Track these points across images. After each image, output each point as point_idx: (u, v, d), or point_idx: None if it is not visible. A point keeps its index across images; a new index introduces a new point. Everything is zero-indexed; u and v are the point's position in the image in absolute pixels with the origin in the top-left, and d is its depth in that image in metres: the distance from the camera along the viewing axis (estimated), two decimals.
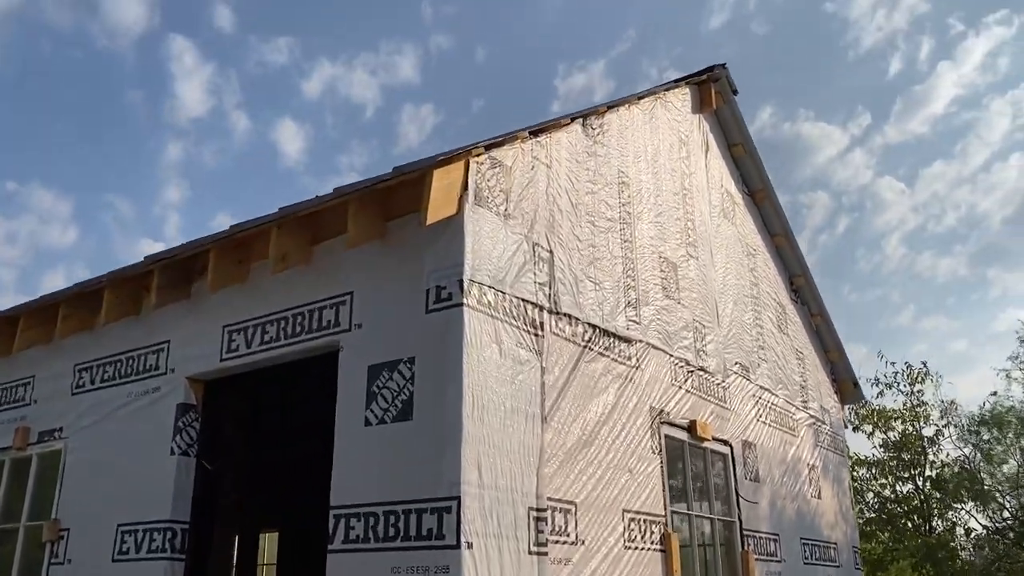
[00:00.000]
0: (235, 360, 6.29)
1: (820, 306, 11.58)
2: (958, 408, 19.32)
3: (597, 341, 6.48)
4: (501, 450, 5.18)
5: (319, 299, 5.92)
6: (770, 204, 10.61)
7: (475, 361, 5.12)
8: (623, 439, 6.54)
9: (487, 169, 5.67)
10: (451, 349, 5.06)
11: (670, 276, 7.98)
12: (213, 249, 6.33)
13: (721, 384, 8.52)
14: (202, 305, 6.73)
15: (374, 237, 5.68)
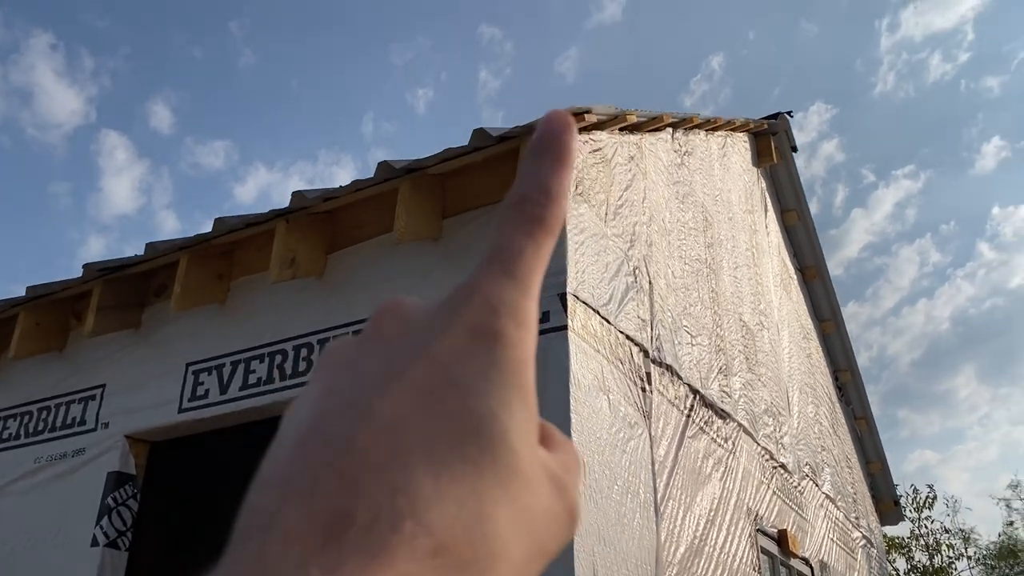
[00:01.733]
0: (202, 412, 4.43)
1: (865, 408, 10.11)
2: (976, 538, 17.89)
3: (697, 411, 4.83)
4: (616, 550, 3.43)
5: (337, 324, 4.17)
6: (821, 284, 9.25)
7: (585, 412, 3.43)
8: (728, 549, 4.80)
9: (588, 153, 4.12)
10: (550, 391, 3.37)
11: (749, 345, 6.42)
12: (185, 256, 4.56)
13: (797, 487, 6.86)
14: (157, 336, 4.88)
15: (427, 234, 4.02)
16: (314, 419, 0.27)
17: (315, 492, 0.24)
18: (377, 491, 0.24)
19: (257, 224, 4.41)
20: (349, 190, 4.16)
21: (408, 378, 0.27)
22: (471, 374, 0.27)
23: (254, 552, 0.24)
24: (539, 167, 0.32)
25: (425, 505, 0.24)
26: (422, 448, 0.25)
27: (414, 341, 0.29)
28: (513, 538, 0.26)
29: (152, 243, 4.60)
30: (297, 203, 4.19)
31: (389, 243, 4.20)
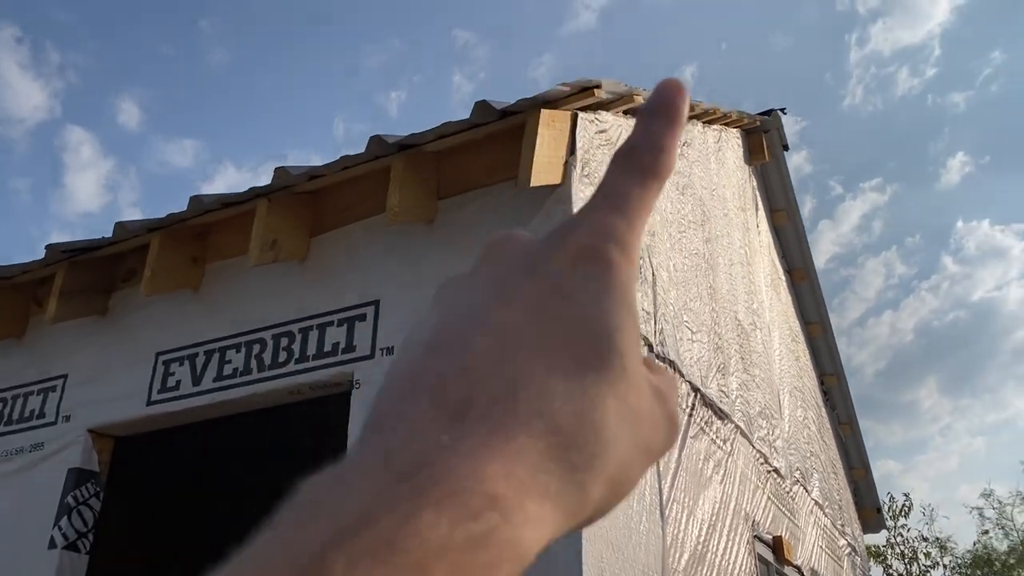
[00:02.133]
0: (172, 404, 4.12)
1: (851, 414, 9.97)
2: (952, 547, 17.89)
3: (698, 411, 4.60)
4: (623, 555, 3.18)
5: (321, 312, 3.88)
6: (808, 287, 9.09)
7: None
8: (728, 557, 4.58)
9: (595, 133, 3.88)
10: None
11: (744, 345, 6.21)
12: (156, 238, 4.25)
13: (789, 493, 6.66)
14: (125, 323, 4.56)
15: (422, 218, 3.75)
16: (434, 331, 0.30)
17: (440, 384, 0.27)
18: (495, 381, 0.27)
19: (236, 204, 4.11)
20: (336, 168, 3.88)
21: (522, 292, 0.31)
22: (580, 289, 0.30)
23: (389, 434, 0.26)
24: (651, 123, 0.35)
25: (538, 393, 0.27)
26: (536, 349, 0.28)
27: (526, 263, 0.32)
28: (620, 431, 0.28)
29: (121, 222, 4.27)
30: (280, 181, 3.90)
31: (378, 226, 3.92)
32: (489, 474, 0.25)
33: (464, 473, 0.24)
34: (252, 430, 4.79)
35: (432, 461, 0.25)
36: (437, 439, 0.25)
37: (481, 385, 0.27)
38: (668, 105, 0.35)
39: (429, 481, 0.24)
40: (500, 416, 0.26)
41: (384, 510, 0.23)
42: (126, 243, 4.45)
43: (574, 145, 3.62)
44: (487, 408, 0.26)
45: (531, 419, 0.26)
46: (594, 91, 3.51)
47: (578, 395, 0.28)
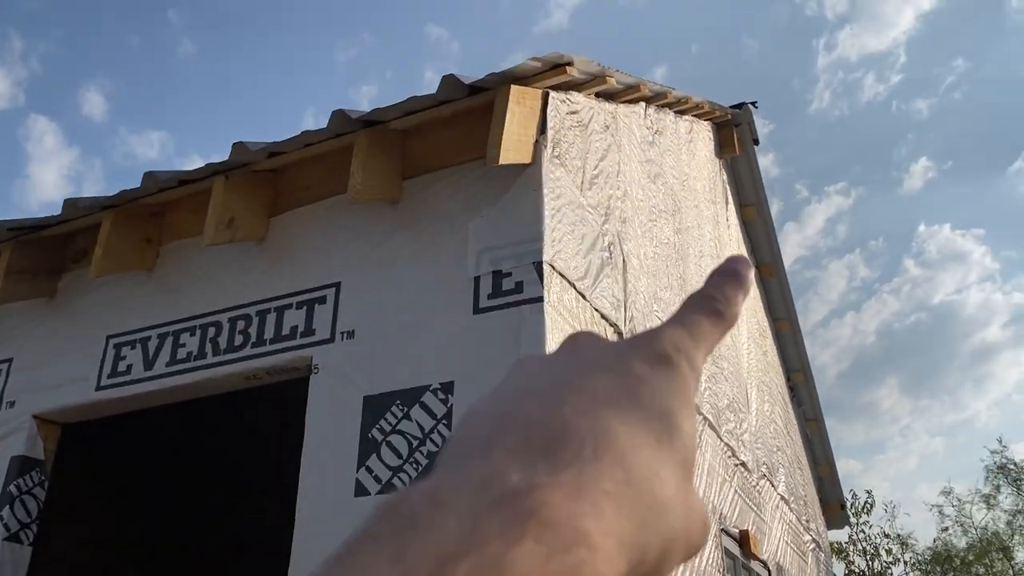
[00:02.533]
0: (123, 389, 3.94)
1: (817, 410, 9.98)
2: (913, 543, 18.07)
3: None
4: None
5: (279, 294, 3.74)
6: (777, 283, 9.07)
7: None
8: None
9: (566, 114, 3.77)
10: None
11: None
12: (109, 216, 4.07)
13: (756, 487, 6.62)
14: (74, 305, 4.37)
15: (386, 196, 3.62)
16: (519, 387, 0.34)
17: (531, 424, 0.30)
18: (585, 428, 0.29)
19: (192, 182, 3.95)
20: (297, 144, 3.74)
21: (607, 370, 0.34)
22: (657, 383, 0.34)
23: (477, 462, 0.28)
24: (722, 281, 0.41)
25: (622, 448, 0.29)
26: (618, 414, 0.31)
27: (609, 354, 0.36)
28: (677, 509, 0.30)
29: (71, 199, 4.09)
30: (238, 157, 3.75)
31: (340, 206, 3.79)
32: (580, 511, 0.26)
33: (558, 507, 0.26)
34: (206, 417, 4.63)
35: (527, 492, 0.26)
36: (530, 471, 0.27)
37: (571, 430, 0.29)
38: (736, 271, 0.41)
39: (525, 512, 0.25)
40: (588, 459, 0.28)
41: (488, 536, 0.24)
42: (76, 222, 4.27)
43: (545, 124, 3.51)
44: (576, 450, 0.28)
45: (615, 468, 0.28)
46: (566, 68, 3.41)
47: (652, 463, 0.30)
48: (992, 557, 18.88)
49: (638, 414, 0.32)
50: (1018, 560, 20.03)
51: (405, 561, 0.23)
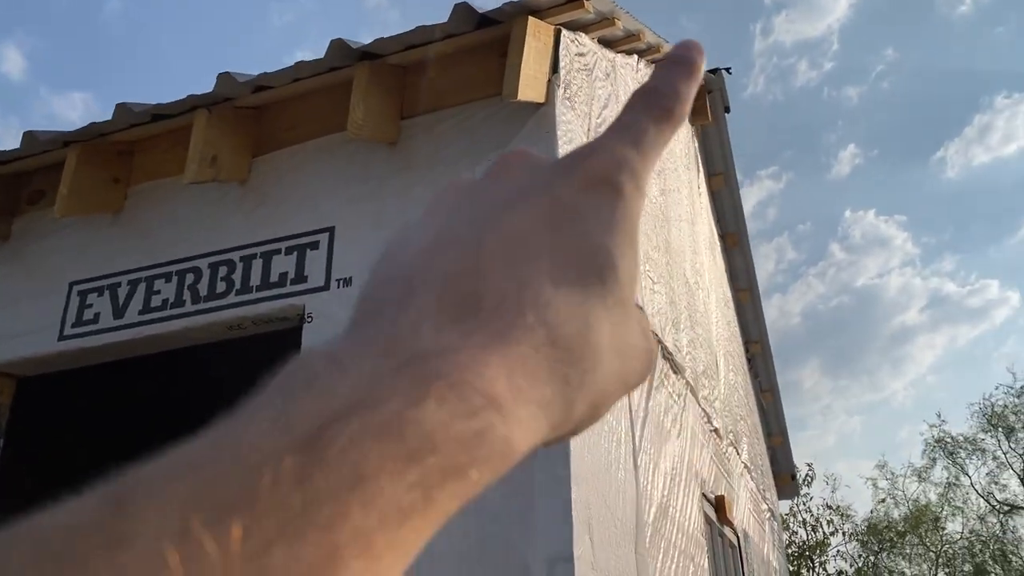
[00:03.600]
0: (89, 339, 3.65)
1: (772, 381, 10.07)
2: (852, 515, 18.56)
3: (660, 362, 4.41)
4: (606, 503, 2.95)
5: (265, 239, 3.49)
6: (741, 253, 9.07)
7: None
8: (686, 513, 4.43)
9: (575, 55, 3.59)
10: None
11: (691, 303, 6.07)
12: (74, 153, 3.75)
13: (726, 454, 6.60)
14: (31, 249, 4.04)
15: (384, 137, 3.39)
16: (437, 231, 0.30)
17: (446, 279, 0.27)
18: (504, 282, 0.27)
19: (169, 117, 3.65)
20: (287, 78, 3.48)
21: (533, 204, 0.31)
22: (590, 213, 0.31)
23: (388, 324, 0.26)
24: (671, 71, 0.35)
25: (544, 302, 0.27)
26: (543, 260, 0.29)
27: (539, 180, 0.32)
28: (610, 354, 0.29)
29: (31, 132, 3.75)
30: (223, 90, 3.47)
31: (331, 147, 3.55)
32: (491, 375, 0.25)
33: (467, 370, 0.24)
34: (182, 369, 4.35)
35: (436, 354, 0.25)
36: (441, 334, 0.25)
37: (489, 285, 0.27)
38: (688, 58, 0.36)
39: (432, 373, 0.24)
40: (506, 319, 0.26)
41: (386, 395, 0.23)
42: (33, 159, 3.93)
43: (556, 63, 3.32)
44: (494, 309, 0.26)
45: (535, 327, 0.27)
46: (583, 3, 3.21)
47: (579, 313, 0.28)
48: (926, 527, 19.62)
49: (565, 255, 0.29)
50: (949, 531, 21.01)
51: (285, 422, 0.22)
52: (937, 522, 20.56)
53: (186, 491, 0.20)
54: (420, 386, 0.23)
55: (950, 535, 21.12)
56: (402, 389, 0.23)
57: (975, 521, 21.58)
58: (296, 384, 0.23)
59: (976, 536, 21.20)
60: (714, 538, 5.50)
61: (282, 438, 0.21)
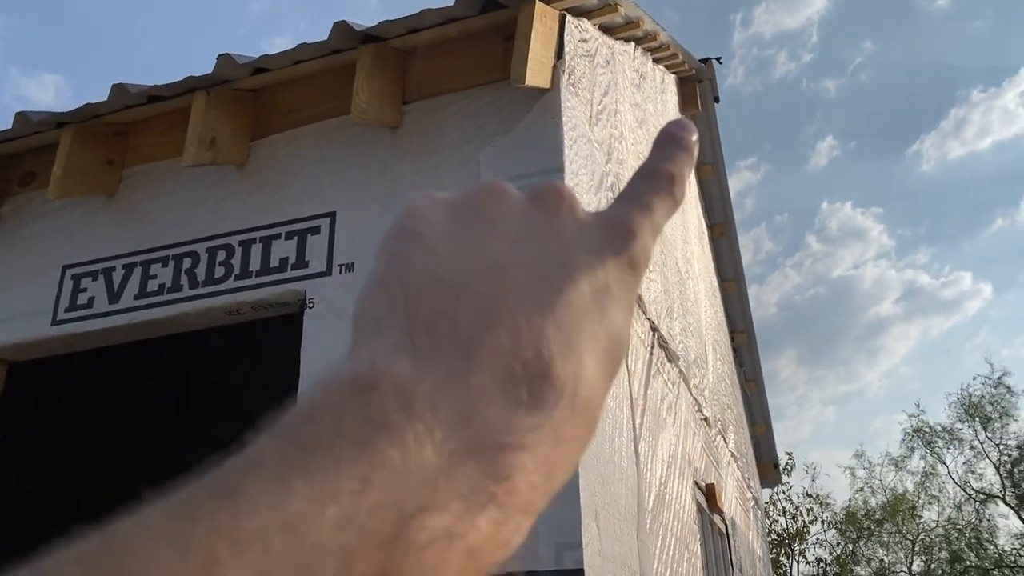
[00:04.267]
0: (84, 324, 3.60)
1: (757, 371, 10.14)
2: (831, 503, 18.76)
3: (656, 351, 4.41)
4: (610, 488, 2.95)
5: (265, 223, 3.45)
6: (728, 243, 9.11)
7: None
8: (681, 501, 4.45)
9: (578, 41, 3.57)
10: None
11: (683, 292, 6.09)
12: (68, 134, 3.68)
13: (714, 443, 6.64)
14: (23, 232, 3.97)
15: (388, 121, 3.36)
16: (473, 266, 0.29)
17: (508, 348, 0.26)
18: (564, 366, 0.26)
19: (166, 99, 3.59)
20: (287, 60, 3.43)
21: (588, 278, 0.29)
22: (623, 298, 0.30)
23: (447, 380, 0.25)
24: (674, 155, 0.37)
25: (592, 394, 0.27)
26: (594, 348, 0.28)
27: (585, 245, 0.31)
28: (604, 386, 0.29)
29: (24, 113, 3.68)
30: (223, 72, 3.42)
31: (332, 130, 3.51)
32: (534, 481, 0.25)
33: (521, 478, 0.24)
34: (178, 355, 4.30)
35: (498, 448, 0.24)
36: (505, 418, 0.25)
37: (552, 369, 0.26)
38: (683, 139, 0.37)
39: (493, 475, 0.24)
40: (562, 413, 0.26)
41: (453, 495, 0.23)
42: (25, 140, 3.86)
43: (561, 49, 3.30)
44: (554, 402, 0.26)
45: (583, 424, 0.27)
46: None
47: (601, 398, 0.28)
48: (903, 516, 19.91)
49: (604, 344, 0.29)
50: (925, 519, 21.34)
51: (368, 503, 0.21)
52: (914, 510, 20.91)
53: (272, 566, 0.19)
54: (482, 493, 0.23)
55: (927, 523, 21.54)
56: (468, 493, 0.23)
57: (951, 509, 22.04)
58: (371, 429, 0.23)
59: (952, 524, 21.60)
60: (705, 525, 5.53)
61: (374, 523, 0.21)
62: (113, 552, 0.19)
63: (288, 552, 0.19)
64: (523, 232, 0.31)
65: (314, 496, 0.21)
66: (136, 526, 0.20)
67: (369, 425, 0.23)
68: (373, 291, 0.29)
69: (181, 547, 0.19)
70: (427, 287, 0.28)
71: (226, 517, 0.20)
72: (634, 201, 0.34)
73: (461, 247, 0.30)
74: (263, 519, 0.20)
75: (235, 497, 0.20)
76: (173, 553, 0.19)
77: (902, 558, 20.82)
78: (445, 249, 0.30)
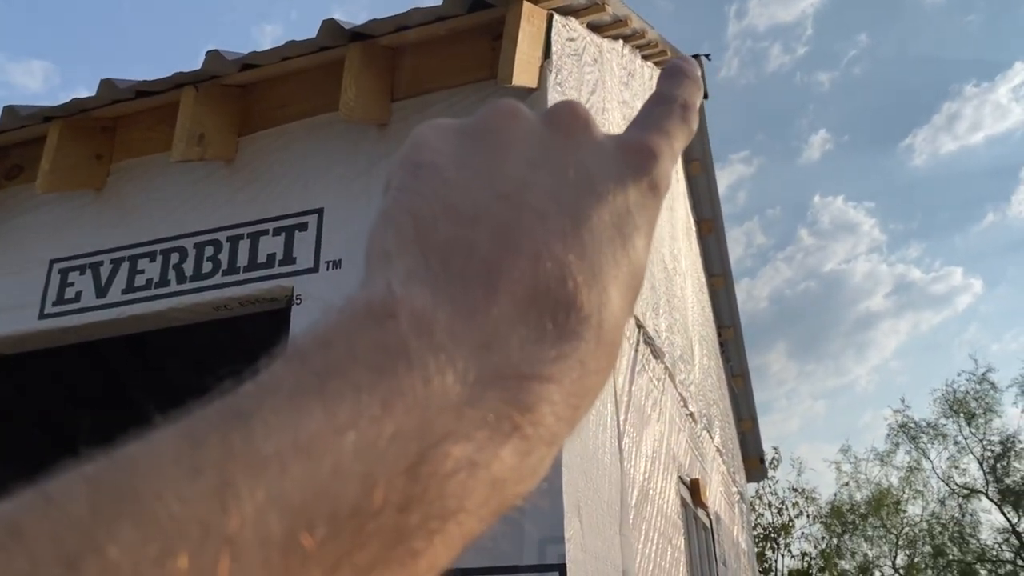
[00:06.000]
0: (71, 318, 3.61)
1: (743, 366, 10.20)
2: (816, 498, 18.91)
3: (641, 347, 4.45)
4: (593, 483, 2.99)
5: (252, 219, 3.46)
6: (716, 239, 9.16)
7: None
8: (665, 496, 4.49)
9: (566, 40, 3.59)
10: None
11: (669, 288, 6.13)
12: (56, 128, 3.68)
13: (700, 438, 6.70)
14: (10, 225, 3.97)
15: (374, 118, 3.38)
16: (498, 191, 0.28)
17: (532, 275, 0.25)
18: (590, 296, 0.26)
19: (154, 94, 3.60)
20: (275, 57, 3.44)
21: (609, 203, 0.28)
22: (643, 224, 0.29)
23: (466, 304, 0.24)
24: (683, 84, 0.35)
25: (616, 325, 0.27)
26: (618, 275, 0.27)
27: (605, 168, 0.30)
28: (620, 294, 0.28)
29: (12, 107, 3.68)
30: (210, 68, 3.43)
31: (320, 127, 3.53)
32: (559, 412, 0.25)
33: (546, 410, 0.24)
34: (165, 349, 4.31)
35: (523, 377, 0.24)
36: (527, 349, 0.24)
37: (576, 298, 0.26)
38: (687, 68, 0.37)
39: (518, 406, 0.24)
40: (587, 343, 0.26)
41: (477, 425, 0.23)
42: (13, 133, 3.86)
43: (548, 48, 3.32)
44: (576, 330, 0.26)
45: (605, 353, 0.27)
46: None
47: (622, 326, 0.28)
48: (887, 510, 20.10)
49: (627, 273, 0.28)
50: (909, 513, 21.56)
51: (388, 431, 0.21)
52: (898, 505, 21.13)
53: (289, 490, 0.19)
54: (506, 423, 0.23)
55: (911, 518, 21.76)
56: (492, 422, 0.22)
57: (935, 504, 22.28)
58: (390, 357, 0.22)
59: (936, 519, 21.83)
60: (689, 520, 5.59)
61: (389, 453, 0.20)
62: (122, 474, 0.19)
63: (306, 476, 0.19)
64: (540, 155, 0.30)
65: (332, 421, 0.20)
66: (147, 448, 0.20)
67: (387, 352, 0.22)
68: (381, 225, 0.27)
69: (193, 469, 0.19)
70: (439, 215, 0.27)
71: (240, 440, 0.19)
72: (651, 125, 0.33)
73: (474, 173, 0.28)
74: (278, 442, 0.19)
75: (249, 421, 0.20)
76: (185, 475, 0.19)
77: (886, 552, 21.09)
78: (456, 176, 0.28)
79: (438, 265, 0.25)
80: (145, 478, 0.18)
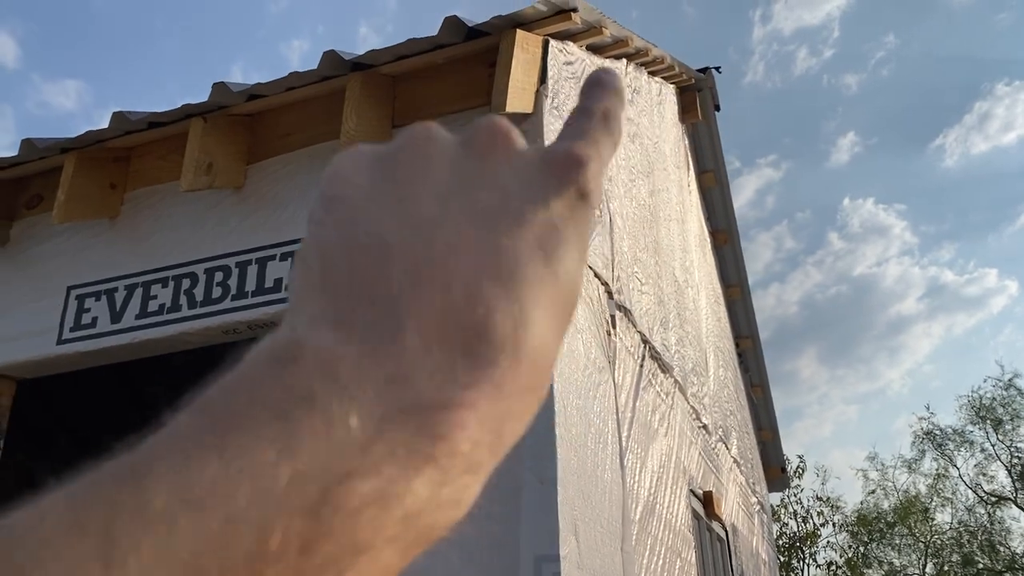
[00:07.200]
0: (87, 343, 3.72)
1: (763, 376, 10.17)
2: (842, 506, 18.75)
3: (647, 363, 4.50)
4: (591, 504, 3.04)
5: (260, 245, 3.56)
6: (731, 250, 9.16)
7: (564, 351, 3.01)
8: (673, 510, 4.52)
9: (563, 64, 3.66)
10: None
11: (681, 302, 6.17)
12: (72, 159, 3.81)
13: (714, 450, 6.71)
14: (30, 254, 4.10)
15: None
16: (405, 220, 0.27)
17: (444, 304, 0.25)
18: (505, 321, 0.25)
19: (165, 124, 3.72)
20: (280, 88, 3.55)
21: (528, 220, 0.28)
22: (573, 239, 0.29)
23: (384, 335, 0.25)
24: (607, 96, 0.35)
25: (539, 347, 0.26)
26: (541, 297, 0.27)
27: (526, 186, 0.29)
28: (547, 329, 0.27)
29: (29, 140, 3.81)
30: (217, 99, 3.54)
31: (325, 154, 3.61)
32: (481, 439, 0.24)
33: (463, 436, 0.24)
34: (179, 372, 4.42)
35: (435, 407, 0.24)
36: (443, 381, 0.24)
37: (490, 323, 0.25)
38: (607, 79, 0.36)
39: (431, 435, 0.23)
40: (505, 373, 0.25)
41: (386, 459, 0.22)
42: (32, 164, 3.99)
43: (544, 73, 3.40)
44: (493, 359, 0.25)
45: (531, 384, 0.26)
46: (571, 15, 3.29)
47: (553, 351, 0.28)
48: (915, 518, 19.90)
49: (553, 293, 0.27)
50: (937, 521, 21.30)
51: (292, 470, 0.21)
52: (926, 513, 20.90)
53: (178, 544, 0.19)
54: (417, 455, 0.22)
55: (939, 526, 21.51)
56: (402, 455, 0.22)
57: (963, 512, 22.01)
58: (292, 401, 0.22)
59: (964, 527, 21.57)
60: (702, 533, 5.60)
61: (293, 494, 0.21)
62: (1, 541, 0.18)
63: (196, 529, 0.19)
64: (453, 180, 0.29)
65: (226, 471, 0.20)
66: (30, 513, 0.19)
67: (290, 397, 0.22)
68: (295, 265, 0.28)
69: (77, 529, 0.18)
70: (348, 252, 0.26)
71: (129, 496, 0.19)
72: (575, 135, 0.33)
73: (384, 205, 0.28)
74: (168, 497, 0.19)
75: (140, 477, 0.20)
76: (67, 536, 0.18)
77: (914, 561, 20.85)
78: (366, 210, 0.28)
79: (345, 304, 0.25)
80: (23, 543, 0.18)
